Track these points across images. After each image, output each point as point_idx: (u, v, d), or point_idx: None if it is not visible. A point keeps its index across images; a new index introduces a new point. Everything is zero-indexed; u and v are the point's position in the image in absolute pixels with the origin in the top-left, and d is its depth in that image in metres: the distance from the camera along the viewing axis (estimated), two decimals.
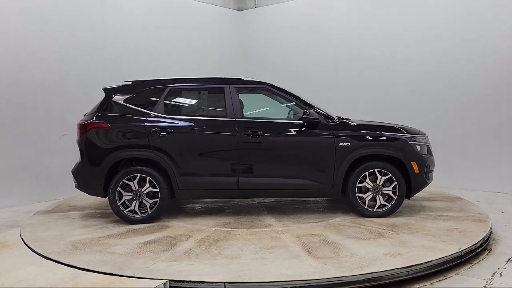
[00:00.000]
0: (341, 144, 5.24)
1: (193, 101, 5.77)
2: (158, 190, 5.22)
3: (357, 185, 5.30)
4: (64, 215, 5.82)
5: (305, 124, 5.29)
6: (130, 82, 5.59)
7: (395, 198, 5.32)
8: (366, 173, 5.28)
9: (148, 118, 5.30)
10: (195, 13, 9.62)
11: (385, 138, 5.35)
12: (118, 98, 5.43)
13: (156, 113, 5.33)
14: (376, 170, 5.28)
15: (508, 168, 7.40)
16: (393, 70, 8.41)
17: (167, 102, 5.44)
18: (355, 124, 5.44)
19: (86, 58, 7.83)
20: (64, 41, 7.57)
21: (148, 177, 5.20)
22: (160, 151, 5.20)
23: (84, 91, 7.59)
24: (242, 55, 10.50)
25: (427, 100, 8.09)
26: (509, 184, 7.39)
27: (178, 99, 5.63)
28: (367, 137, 5.32)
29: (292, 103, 5.61)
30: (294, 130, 5.32)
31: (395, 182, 5.29)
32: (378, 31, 8.55)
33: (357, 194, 5.31)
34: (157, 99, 5.41)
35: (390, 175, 5.28)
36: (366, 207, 5.33)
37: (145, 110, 5.35)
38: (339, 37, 9.06)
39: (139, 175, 5.21)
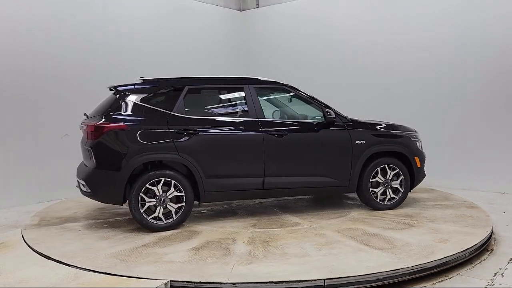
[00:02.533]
0: (357, 142, 5.53)
1: (214, 101, 5.59)
2: (183, 194, 4.97)
3: (370, 180, 5.64)
4: (62, 227, 5.20)
5: (326, 124, 5.47)
6: (142, 81, 5.24)
7: (402, 191, 5.77)
8: (378, 168, 5.65)
9: (169, 119, 5.01)
10: (196, 13, 9.37)
11: (393, 135, 5.77)
12: (133, 98, 5.06)
13: (176, 113, 5.07)
14: (386, 165, 5.68)
15: (509, 169, 7.35)
16: (394, 70, 8.39)
17: (186, 101, 5.18)
18: (367, 122, 5.77)
19: (87, 58, 7.62)
20: (65, 41, 7.37)
21: (173, 181, 4.92)
22: (186, 152, 4.95)
23: (86, 91, 7.35)
24: (243, 55, 10.25)
25: (429, 100, 8.04)
26: (511, 185, 7.35)
27: (198, 99, 5.42)
28: (379, 135, 5.69)
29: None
30: (315, 130, 5.46)
31: (402, 176, 5.74)
32: (381, 30, 8.52)
33: (370, 189, 5.65)
34: (176, 99, 5.13)
35: (398, 170, 5.71)
36: (378, 200, 5.70)
37: (165, 110, 5.06)
38: (341, 36, 9.00)
39: (163, 179, 4.91)
